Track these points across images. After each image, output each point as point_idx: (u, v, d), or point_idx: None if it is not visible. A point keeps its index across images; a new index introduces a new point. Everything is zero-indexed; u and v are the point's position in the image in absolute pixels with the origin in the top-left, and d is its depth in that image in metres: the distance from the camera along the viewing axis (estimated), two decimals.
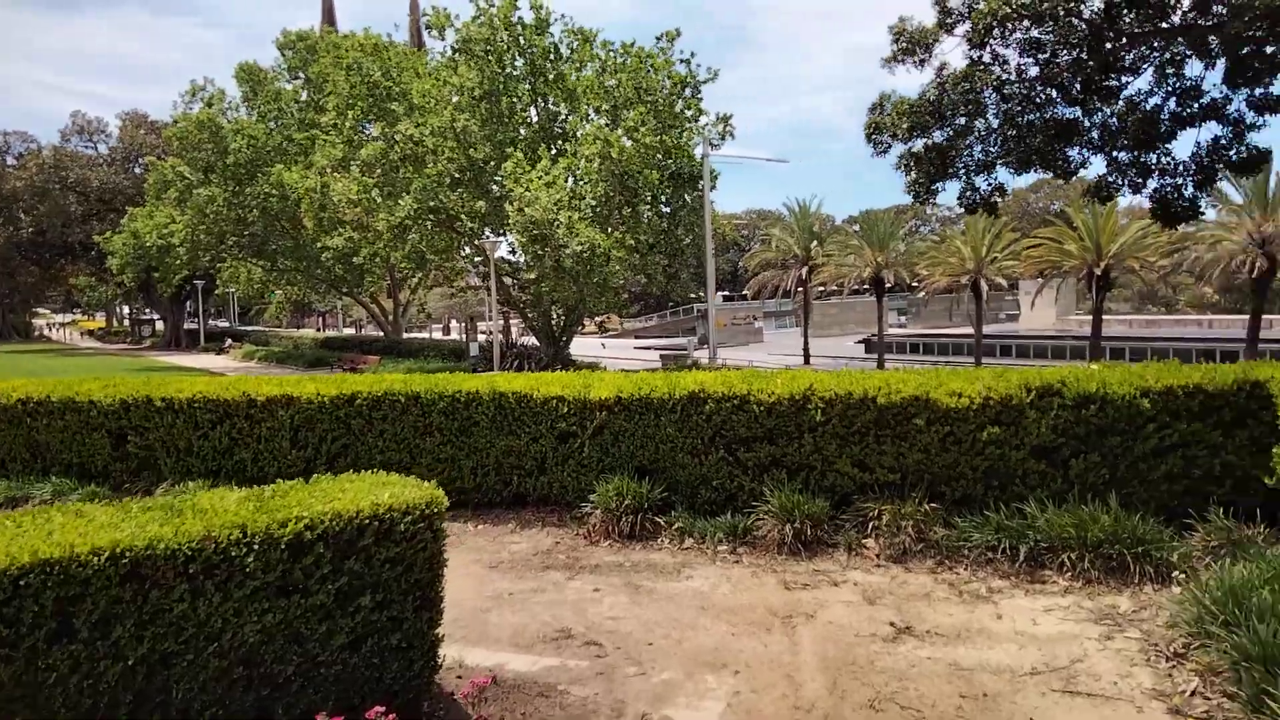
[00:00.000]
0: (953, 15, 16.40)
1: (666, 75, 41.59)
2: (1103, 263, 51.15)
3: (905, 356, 71.17)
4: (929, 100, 16.57)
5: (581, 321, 54.26)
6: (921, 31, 16.41)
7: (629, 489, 8.02)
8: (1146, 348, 58.69)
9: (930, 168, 16.98)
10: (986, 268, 58.10)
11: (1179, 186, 15.60)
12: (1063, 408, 6.94)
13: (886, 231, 64.73)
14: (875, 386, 7.47)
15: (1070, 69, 16.06)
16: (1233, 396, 6.64)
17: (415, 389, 9.11)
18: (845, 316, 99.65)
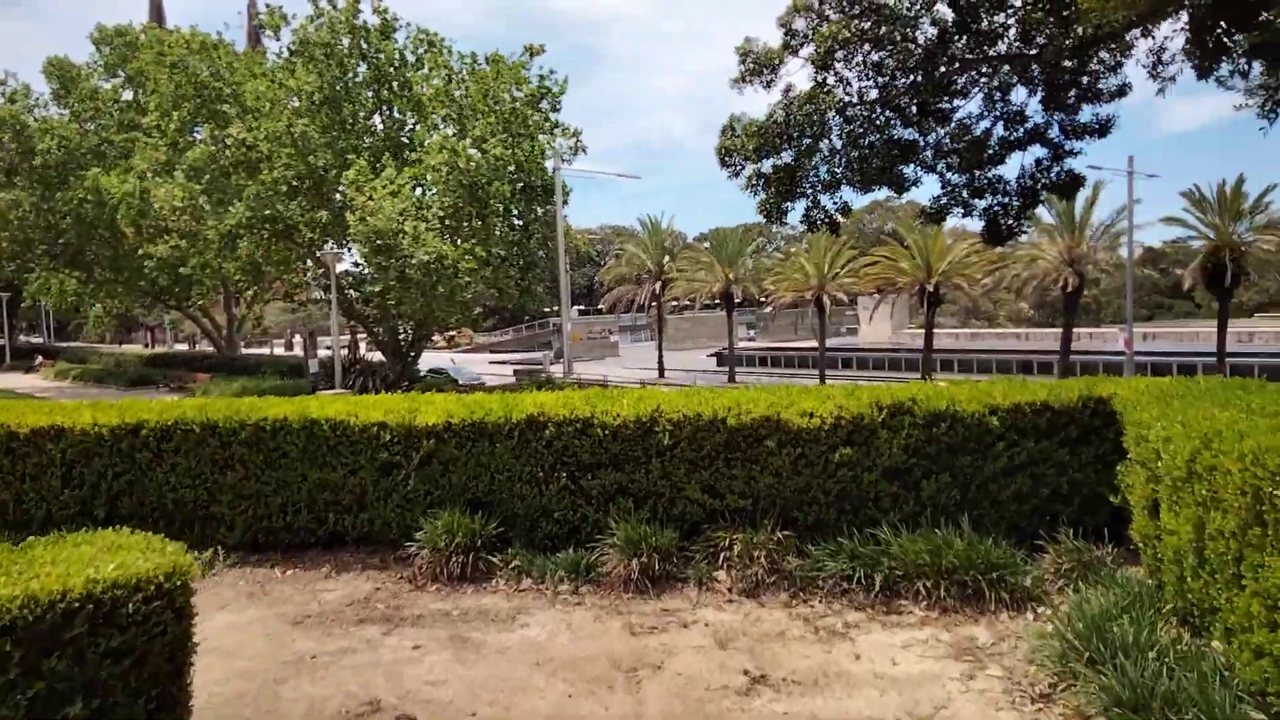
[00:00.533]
0: (797, 38, 16.52)
1: (516, 86, 40.83)
2: (933, 280, 54.05)
3: (755, 369, 72.88)
4: (776, 121, 16.59)
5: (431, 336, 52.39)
6: (768, 53, 16.43)
7: (460, 525, 7.19)
8: (973, 360, 62.54)
9: (780, 187, 17.00)
10: (828, 284, 60.32)
11: (1006, 206, 16.26)
12: (914, 426, 6.67)
13: (735, 248, 66.20)
14: (725, 407, 6.99)
15: (907, 92, 16.46)
16: (1078, 413, 6.57)
17: (212, 417, 7.92)
18: (698, 330, 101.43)
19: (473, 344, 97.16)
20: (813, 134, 16.63)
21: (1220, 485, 4.30)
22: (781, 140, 16.44)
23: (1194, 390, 5.97)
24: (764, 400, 7.08)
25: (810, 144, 16.80)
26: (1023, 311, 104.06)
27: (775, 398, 7.15)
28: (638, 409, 7.12)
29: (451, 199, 36.87)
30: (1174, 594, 5.05)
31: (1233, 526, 4.20)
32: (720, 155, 16.98)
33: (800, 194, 17.32)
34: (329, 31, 37.88)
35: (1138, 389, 6.41)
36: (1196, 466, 4.53)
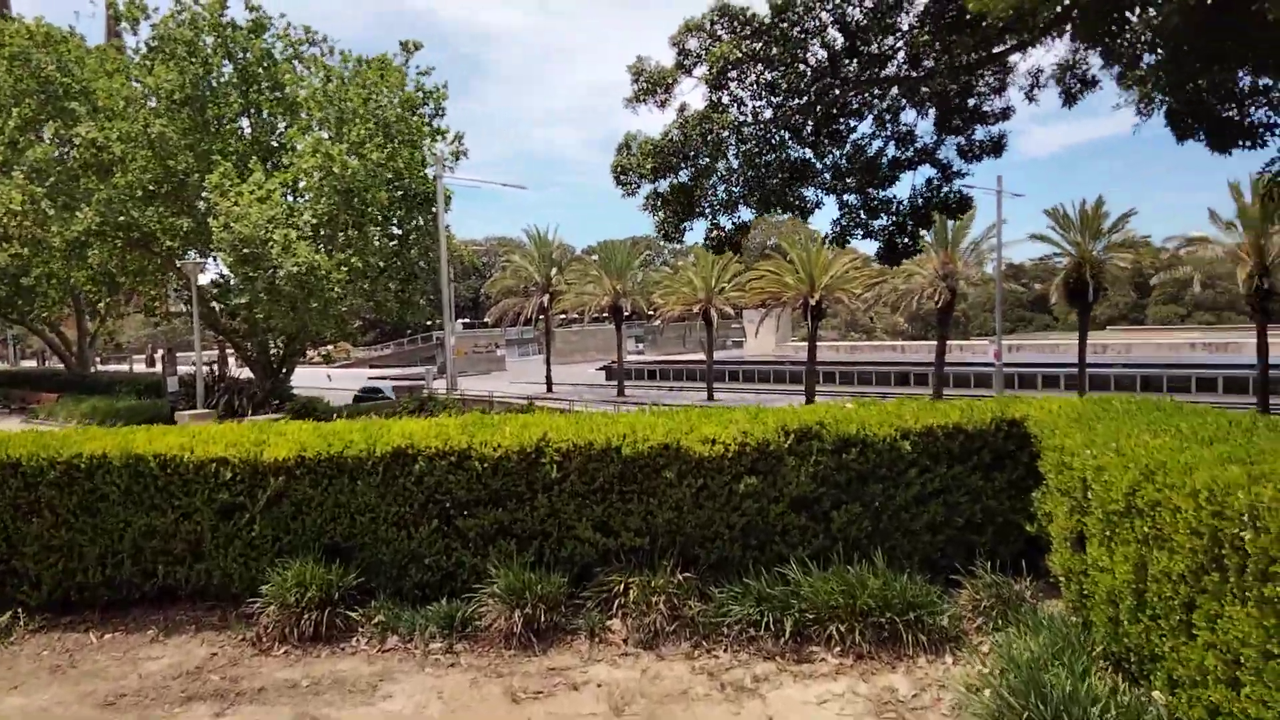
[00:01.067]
0: (690, 57, 16.12)
1: (400, 89, 39.32)
2: (816, 294, 55.14)
3: (644, 382, 72.75)
4: (672, 141, 16.13)
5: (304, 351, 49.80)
6: (660, 72, 15.96)
7: (315, 576, 6.23)
8: (854, 372, 64.20)
9: (678, 208, 16.52)
10: (715, 298, 60.79)
11: (901, 226, 16.28)
12: (823, 453, 6.15)
13: (624, 261, 65.96)
14: (619, 434, 6.30)
15: (801, 112, 16.29)
16: (991, 436, 6.20)
17: (13, 454, 6.67)
18: (586, 344, 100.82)
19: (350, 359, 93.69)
20: (709, 154, 16.23)
21: (1166, 523, 3.89)
22: (678, 160, 15.97)
23: (1111, 411, 5.67)
24: (662, 426, 6.42)
25: (707, 164, 16.39)
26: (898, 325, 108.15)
27: (674, 423, 6.51)
28: (521, 438, 6.35)
29: (326, 206, 35.01)
30: (1106, 636, 4.66)
31: (1181, 569, 3.79)
32: (616, 174, 16.38)
33: (699, 214, 16.91)
34: (191, 27, 35.52)
35: (1051, 410, 6.09)
36: (1137, 501, 4.12)
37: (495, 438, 6.42)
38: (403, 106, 39.59)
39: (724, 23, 15.74)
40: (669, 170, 16.12)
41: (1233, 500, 3.40)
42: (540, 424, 6.73)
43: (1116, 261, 46.34)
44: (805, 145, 16.50)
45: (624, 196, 16.69)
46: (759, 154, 16.39)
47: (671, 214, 16.68)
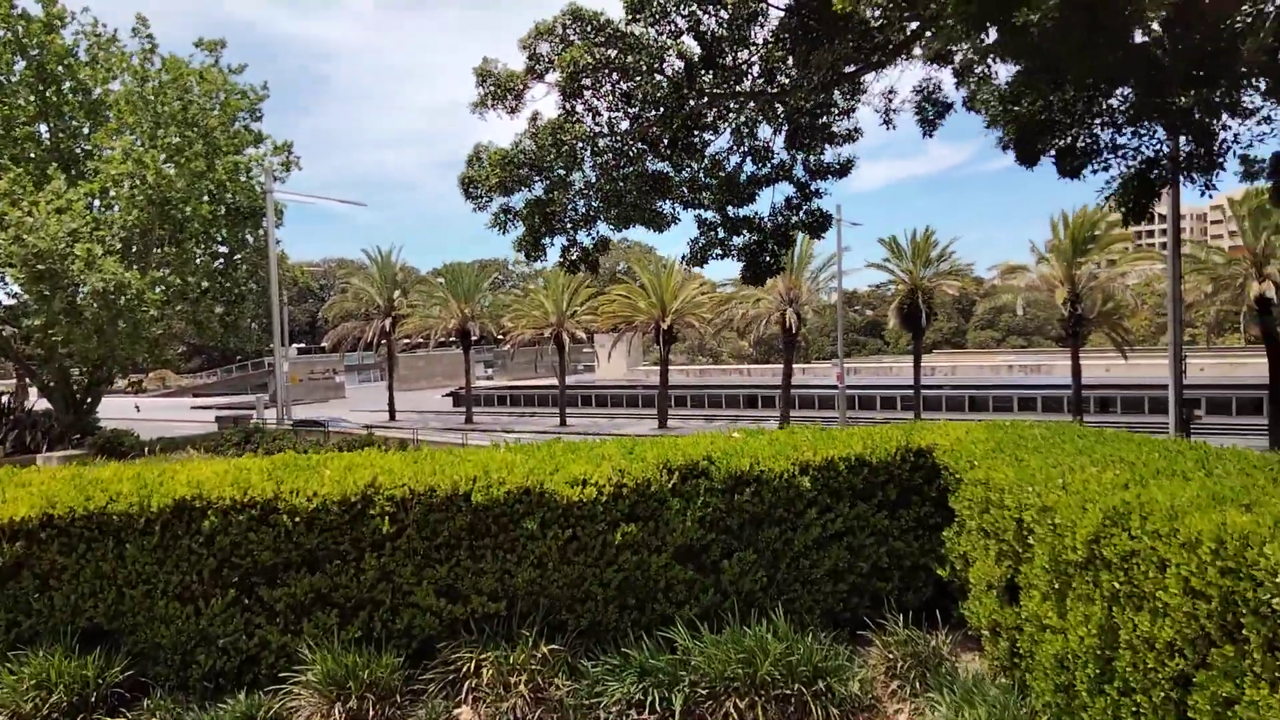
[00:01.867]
0: (541, 62, 15.19)
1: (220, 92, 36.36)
2: (668, 318, 55.32)
3: (494, 409, 70.77)
4: (524, 151, 15.11)
5: (112, 380, 45.04)
6: (510, 76, 14.93)
7: (64, 671, 4.74)
8: (704, 395, 64.81)
9: (534, 223, 15.46)
10: (568, 321, 59.94)
11: (762, 245, 15.88)
12: (712, 493, 5.26)
13: (472, 284, 64.06)
14: (468, 476, 5.18)
15: (658, 124, 15.66)
16: (897, 469, 5.49)
17: None
18: (432, 369, 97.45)
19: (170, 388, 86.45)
20: (564, 165, 15.31)
21: (1148, 580, 3.20)
22: (531, 172, 14.95)
23: (1030, 439, 5.08)
24: (521, 465, 5.34)
25: (562, 176, 15.46)
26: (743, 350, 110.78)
27: (535, 461, 5.44)
28: (345, 484, 5.11)
29: (138, 218, 31.69)
30: (1053, 707, 3.95)
31: (1172, 637, 3.10)
32: (464, 187, 15.16)
33: (557, 230, 15.92)
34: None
35: (959, 438, 5.46)
36: (1105, 551, 3.43)
37: (311, 484, 5.14)
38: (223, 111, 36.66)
39: (576, 27, 14.91)
40: (520, 183, 15.07)
41: (1254, 556, 2.72)
42: (369, 465, 5.50)
43: (944, 288, 48.86)
44: (662, 158, 15.87)
45: (474, 211, 15.50)
46: (616, 167, 15.63)
47: (529, 230, 15.63)
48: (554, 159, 15.08)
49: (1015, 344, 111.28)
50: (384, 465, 5.49)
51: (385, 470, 5.34)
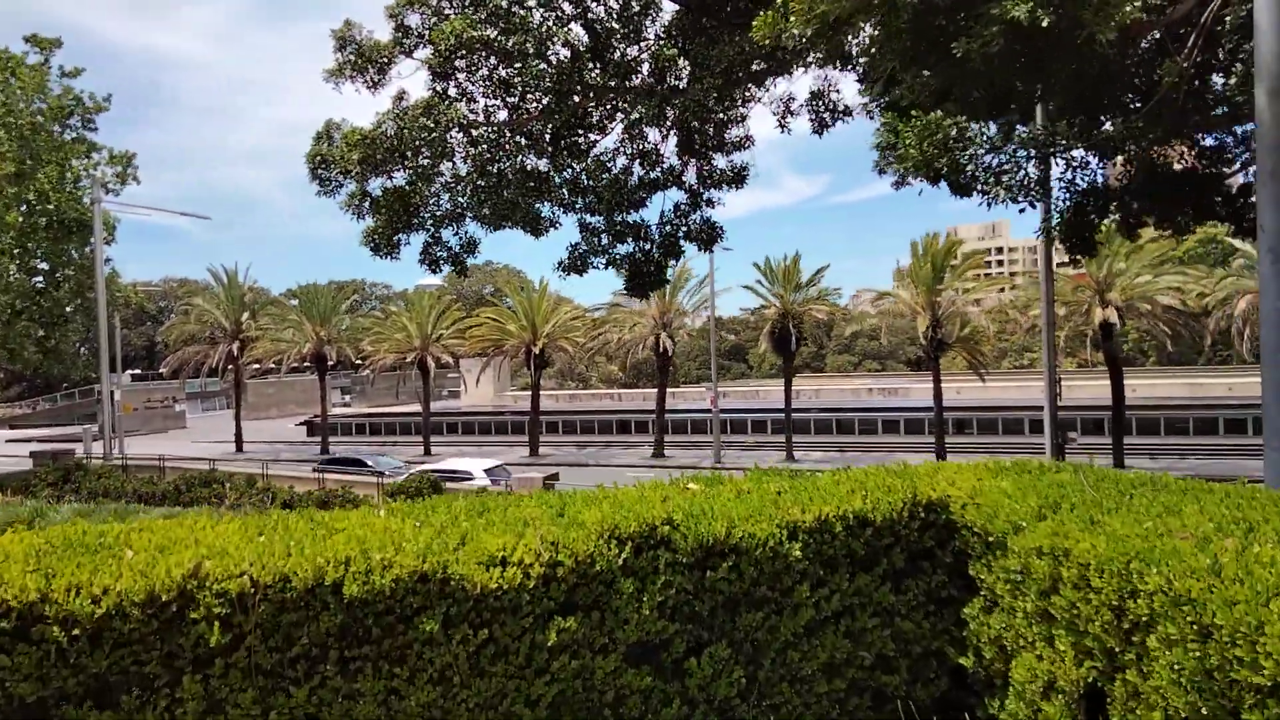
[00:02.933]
0: (411, 35, 13.61)
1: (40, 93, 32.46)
2: (539, 342, 53.76)
3: (353, 438, 66.86)
4: (386, 134, 13.44)
5: None
6: (374, 46, 13.29)
7: None
8: (576, 420, 63.32)
9: (392, 215, 13.76)
10: (433, 345, 57.36)
11: (648, 255, 14.76)
12: (675, 569, 3.91)
13: (328, 305, 60.43)
14: (338, 558, 3.62)
15: (540, 117, 14.34)
16: (904, 528, 4.31)
17: None
18: (284, 396, 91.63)
19: None
20: (431, 154, 13.73)
21: None
22: (393, 157, 13.28)
23: (1074, 490, 4.01)
24: (413, 538, 3.83)
25: (428, 165, 13.87)
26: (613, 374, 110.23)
27: (431, 531, 3.95)
28: (154, 575, 3.44)
29: None
30: None
31: None
32: (312, 166, 13.31)
33: (417, 225, 14.26)
34: None
35: (978, 489, 4.33)
36: None
37: (102, 576, 3.45)
38: (46, 115, 32.75)
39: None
40: (380, 168, 13.39)
41: None
42: (192, 540, 3.85)
43: (814, 312, 49.54)
44: (543, 155, 14.56)
45: (321, 194, 13.69)
46: (491, 160, 14.19)
47: (384, 222, 13.91)
48: (421, 144, 13.50)
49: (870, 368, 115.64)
50: (213, 542, 3.85)
51: (215, 550, 3.71)
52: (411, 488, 22.16)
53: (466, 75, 13.84)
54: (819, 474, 4.84)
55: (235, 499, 23.59)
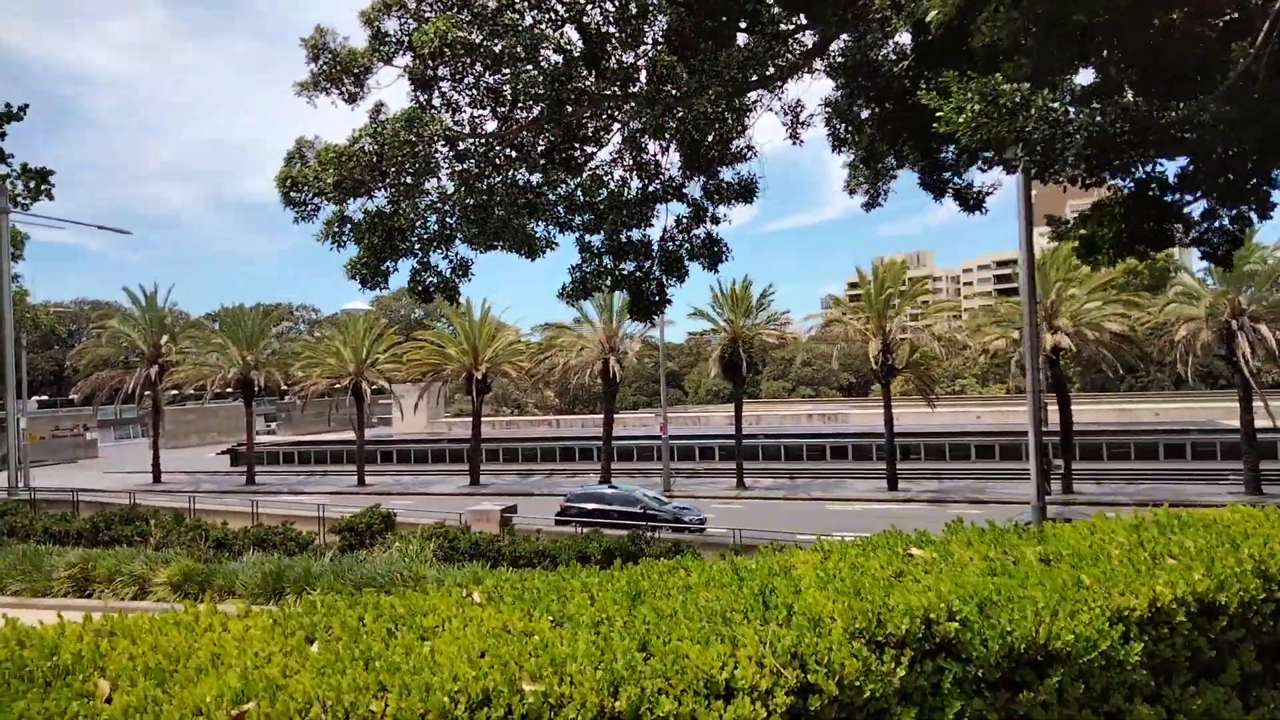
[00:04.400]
0: (388, 42, 12.19)
1: None
2: (482, 367, 51.88)
3: (280, 468, 63.54)
4: (364, 151, 11.92)
5: None
6: (350, 54, 11.83)
7: None
8: (517, 448, 61.24)
9: (375, 241, 12.20)
10: (368, 370, 54.89)
11: (648, 274, 13.45)
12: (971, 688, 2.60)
13: (255, 329, 57.40)
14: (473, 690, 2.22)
15: (530, 127, 12.99)
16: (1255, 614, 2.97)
17: None
18: (206, 424, 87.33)
19: None
20: (415, 170, 12.24)
21: None
22: (373, 176, 11.75)
23: None
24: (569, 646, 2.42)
25: (411, 184, 12.37)
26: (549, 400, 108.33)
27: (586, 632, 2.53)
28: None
29: None
30: None
31: None
32: (284, 188, 11.72)
33: (404, 250, 12.72)
34: None
35: None
36: None
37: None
38: None
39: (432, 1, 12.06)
40: (359, 188, 11.84)
41: None
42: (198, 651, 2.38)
43: (764, 336, 48.90)
44: (535, 169, 13.19)
45: (297, 221, 12.09)
46: (480, 175, 12.76)
47: (367, 250, 12.34)
48: (404, 160, 11.99)
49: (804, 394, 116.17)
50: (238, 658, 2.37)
51: (251, 677, 2.24)
52: (361, 524, 20.24)
53: (451, 84, 12.49)
54: (1063, 524, 3.57)
55: (161, 537, 21.30)
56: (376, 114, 12.22)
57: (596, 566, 3.21)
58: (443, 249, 12.80)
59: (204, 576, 16.66)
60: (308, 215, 12.05)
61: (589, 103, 13.31)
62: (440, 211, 12.85)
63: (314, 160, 11.92)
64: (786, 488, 47.41)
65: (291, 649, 2.50)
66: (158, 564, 17.19)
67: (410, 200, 12.39)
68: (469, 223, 12.76)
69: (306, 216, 12.06)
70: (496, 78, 12.67)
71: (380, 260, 12.38)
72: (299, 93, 11.72)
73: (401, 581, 15.61)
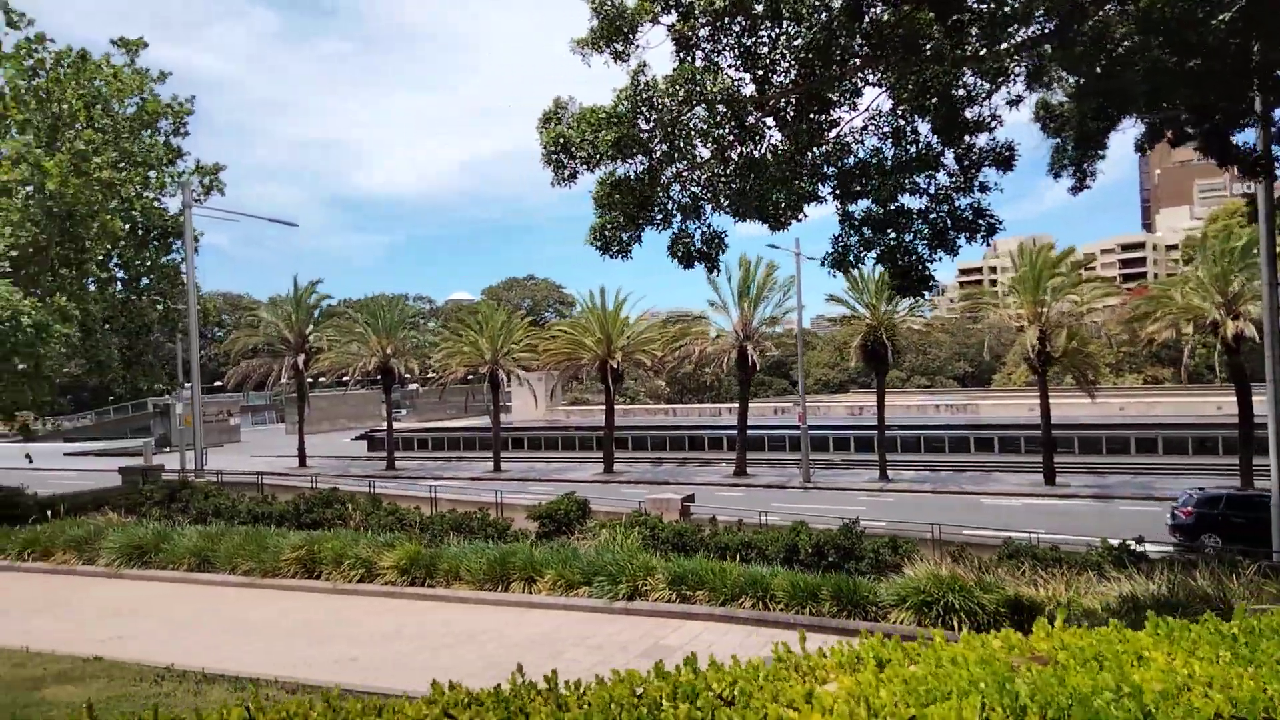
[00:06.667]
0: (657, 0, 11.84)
1: (137, 95, 31.21)
2: (616, 355, 51.94)
3: (414, 453, 65.33)
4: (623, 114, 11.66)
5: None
6: (622, 9, 11.51)
7: None
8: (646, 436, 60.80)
9: (628, 209, 11.97)
10: (503, 359, 55.74)
11: (910, 246, 12.78)
12: None
13: (395, 319, 59.06)
14: None
15: (790, 91, 12.50)
16: None
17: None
18: (336, 411, 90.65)
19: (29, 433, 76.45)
20: (669, 135, 11.92)
21: None
22: (649, 139, 11.50)
23: None
24: None
25: (667, 151, 12.06)
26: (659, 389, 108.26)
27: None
28: None
29: (33, 234, 26.23)
30: None
31: None
32: (552, 150, 11.52)
33: (656, 219, 12.47)
34: None
35: None
36: None
37: None
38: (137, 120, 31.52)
39: None
40: (638, 149, 11.60)
41: None
42: None
43: (910, 324, 47.34)
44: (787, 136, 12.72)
45: (555, 183, 11.91)
46: (736, 141, 12.37)
47: (621, 216, 12.11)
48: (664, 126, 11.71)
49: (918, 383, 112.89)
50: None
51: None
52: (559, 511, 20.25)
53: (711, 44, 12.02)
54: None
55: (360, 520, 21.83)
56: (637, 75, 11.94)
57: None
58: (694, 218, 12.47)
59: (428, 561, 16.93)
60: (567, 178, 11.88)
61: (845, 64, 12.73)
62: (684, 180, 12.52)
63: (578, 122, 11.76)
64: (932, 480, 45.84)
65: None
66: (381, 548, 17.57)
67: (671, 163, 12.09)
68: (716, 193, 12.41)
69: (565, 179, 11.89)
70: (755, 39, 12.27)
71: (629, 227, 12.13)
72: (574, 50, 11.56)
73: (632, 571, 15.47)
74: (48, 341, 23.94)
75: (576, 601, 15.38)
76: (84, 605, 16.92)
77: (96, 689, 11.57)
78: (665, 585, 15.05)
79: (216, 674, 12.03)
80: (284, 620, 15.29)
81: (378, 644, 13.68)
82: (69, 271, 28.97)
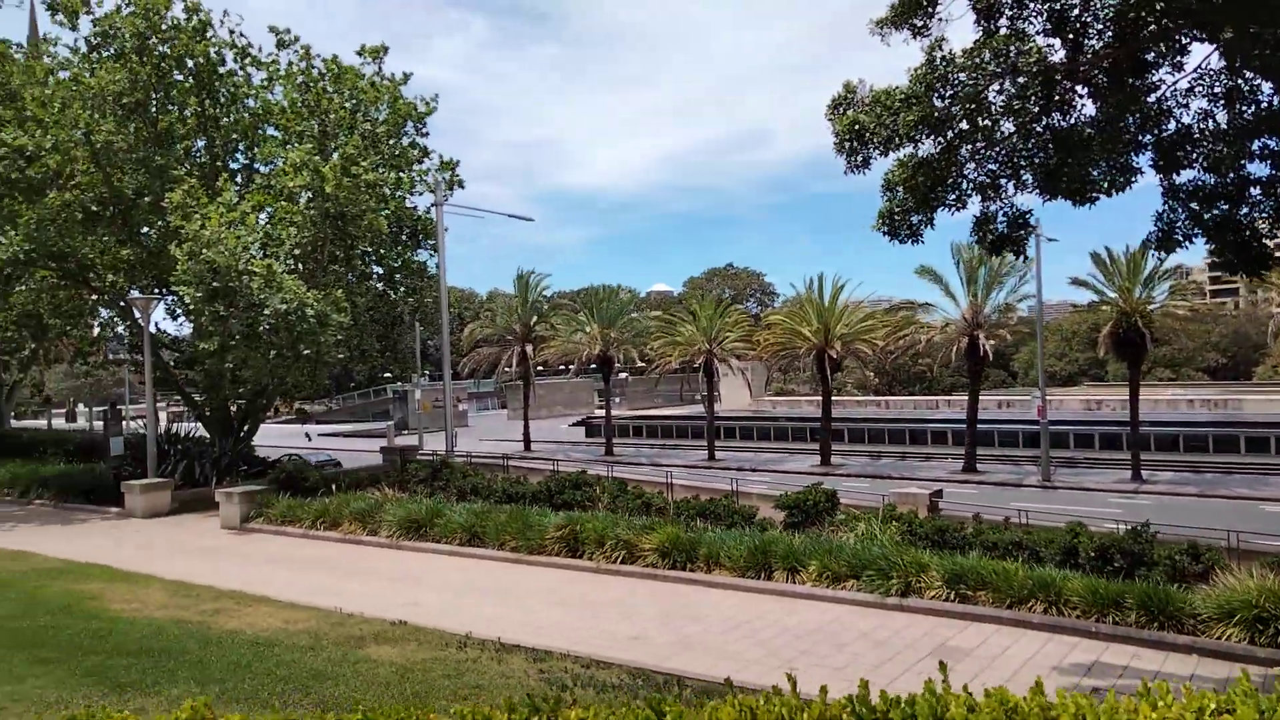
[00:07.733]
0: None
1: (390, 100, 33.75)
2: (835, 345, 50.57)
3: (628, 440, 66.96)
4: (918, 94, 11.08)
5: (270, 407, 42.93)
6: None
7: None
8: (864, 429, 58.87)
9: (919, 192, 11.39)
10: (717, 348, 55.88)
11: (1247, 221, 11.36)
12: None
13: (616, 309, 60.79)
14: None
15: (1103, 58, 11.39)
16: None
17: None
18: (552, 398, 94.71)
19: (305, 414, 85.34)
20: (967, 112, 11.18)
21: None
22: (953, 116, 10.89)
23: None
24: None
25: (966, 128, 11.32)
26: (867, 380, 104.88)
27: None
28: None
29: (313, 233, 29.01)
30: None
31: None
32: (847, 137, 11.17)
33: (942, 201, 11.79)
34: (144, 19, 29.31)
35: None
36: None
37: None
38: (390, 122, 34.06)
39: None
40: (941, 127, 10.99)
41: None
42: None
43: (1173, 309, 42.85)
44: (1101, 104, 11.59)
45: (848, 171, 11.50)
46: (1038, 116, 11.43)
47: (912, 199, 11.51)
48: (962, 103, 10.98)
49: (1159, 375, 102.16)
50: None
51: None
52: (808, 501, 19.87)
53: (1017, 10, 11.17)
54: None
55: (608, 503, 22.46)
56: (933, 50, 11.30)
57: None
58: (994, 198, 11.68)
59: (688, 545, 17.10)
60: (860, 164, 11.45)
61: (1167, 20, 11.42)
62: (983, 158, 11.72)
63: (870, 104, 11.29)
64: (1195, 483, 41.31)
65: None
66: (640, 531, 17.95)
67: (966, 142, 11.37)
68: (1020, 168, 11.53)
69: (859, 165, 11.47)
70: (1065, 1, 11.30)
71: (923, 209, 11.52)
72: (873, 30, 11.17)
73: (903, 567, 14.87)
74: (326, 330, 26.34)
75: (844, 594, 14.98)
76: (375, 572, 18.47)
77: (410, 650, 12.52)
78: (941, 583, 14.33)
79: (512, 644, 12.66)
80: (556, 595, 15.95)
81: (656, 623, 13.94)
82: (339, 268, 31.82)
